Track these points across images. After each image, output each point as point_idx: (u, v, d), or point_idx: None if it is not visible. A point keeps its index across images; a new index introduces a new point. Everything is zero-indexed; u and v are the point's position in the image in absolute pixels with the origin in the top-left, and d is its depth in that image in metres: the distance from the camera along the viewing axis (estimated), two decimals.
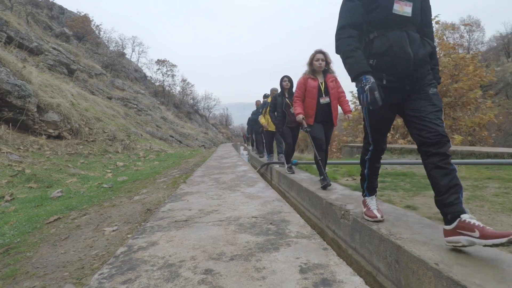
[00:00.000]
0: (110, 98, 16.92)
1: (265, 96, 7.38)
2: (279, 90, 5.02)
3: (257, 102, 8.65)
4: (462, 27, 27.88)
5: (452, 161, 1.51)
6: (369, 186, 2.03)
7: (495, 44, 35.01)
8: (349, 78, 1.67)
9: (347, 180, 3.91)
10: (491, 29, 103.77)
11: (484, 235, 1.25)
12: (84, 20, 24.77)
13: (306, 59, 3.57)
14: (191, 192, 3.43)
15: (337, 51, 1.72)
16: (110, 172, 6.61)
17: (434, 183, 1.49)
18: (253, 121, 9.20)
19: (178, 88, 38.58)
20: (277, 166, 5.72)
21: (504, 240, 1.18)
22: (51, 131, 7.76)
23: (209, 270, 1.40)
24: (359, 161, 2.09)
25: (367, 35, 1.70)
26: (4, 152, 5.73)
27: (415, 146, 7.19)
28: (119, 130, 11.41)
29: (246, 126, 12.40)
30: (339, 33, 1.69)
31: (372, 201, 2.01)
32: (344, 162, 5.97)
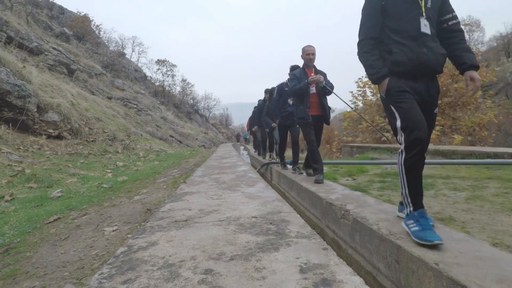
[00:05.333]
0: (110, 98, 16.91)
1: None
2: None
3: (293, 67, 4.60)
4: (462, 27, 27.85)
5: (453, 161, 1.50)
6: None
7: (495, 44, 35.03)
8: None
9: (347, 180, 3.91)
10: (491, 29, 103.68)
11: None
12: (84, 20, 24.76)
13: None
14: (191, 192, 3.43)
15: None
16: (110, 172, 6.60)
17: None
18: (281, 95, 4.81)
19: (178, 88, 38.55)
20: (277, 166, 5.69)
21: None
22: (51, 131, 7.76)
23: (209, 270, 1.40)
24: (359, 161, 2.09)
25: None
26: (4, 152, 5.73)
27: None
28: (119, 130, 11.40)
29: (245, 127, 9.47)
30: None
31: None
32: (344, 162, 5.97)
